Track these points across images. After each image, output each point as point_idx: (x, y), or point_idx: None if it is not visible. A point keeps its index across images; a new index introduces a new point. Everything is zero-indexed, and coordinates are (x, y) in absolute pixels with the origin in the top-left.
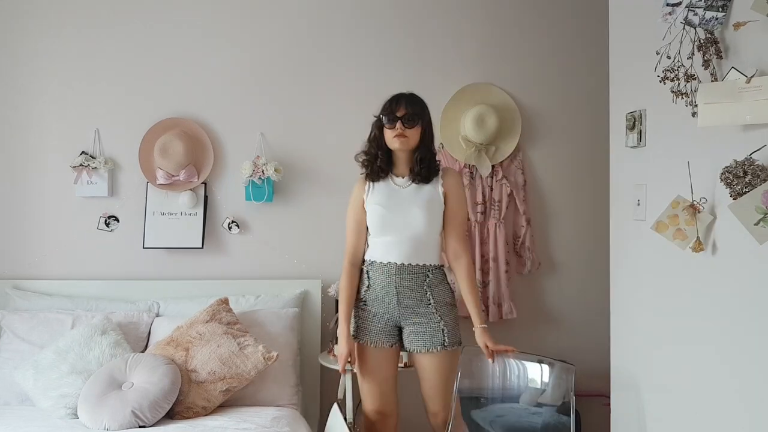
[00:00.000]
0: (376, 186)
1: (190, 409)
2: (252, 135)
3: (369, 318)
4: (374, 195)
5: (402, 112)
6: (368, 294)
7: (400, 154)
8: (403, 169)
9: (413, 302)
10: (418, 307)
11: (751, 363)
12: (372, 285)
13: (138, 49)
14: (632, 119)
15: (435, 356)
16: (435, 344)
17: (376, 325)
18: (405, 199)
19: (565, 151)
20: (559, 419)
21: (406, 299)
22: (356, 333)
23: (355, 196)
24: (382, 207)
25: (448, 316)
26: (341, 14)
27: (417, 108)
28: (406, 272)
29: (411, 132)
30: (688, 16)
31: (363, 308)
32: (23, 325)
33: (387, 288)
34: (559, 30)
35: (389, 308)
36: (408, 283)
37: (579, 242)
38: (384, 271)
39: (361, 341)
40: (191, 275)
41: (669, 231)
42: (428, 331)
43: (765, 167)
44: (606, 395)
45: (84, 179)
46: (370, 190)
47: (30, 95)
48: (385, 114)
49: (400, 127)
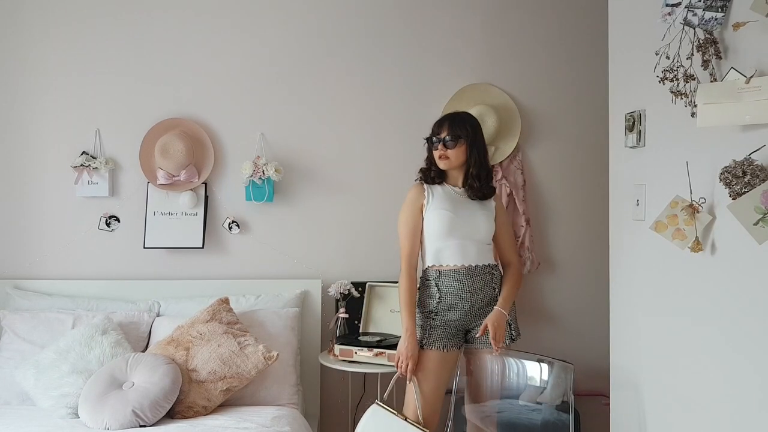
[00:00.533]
0: (436, 192)
1: (191, 409)
2: (252, 135)
3: (440, 326)
4: (437, 200)
5: (444, 133)
6: (440, 305)
7: (450, 171)
8: (457, 181)
9: (485, 302)
10: (488, 306)
11: (750, 362)
12: (443, 295)
13: (139, 50)
14: (631, 119)
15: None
16: (504, 339)
17: (447, 331)
18: (467, 205)
19: (564, 151)
20: (558, 416)
21: (478, 300)
22: (422, 342)
23: (411, 201)
24: (448, 211)
25: (512, 312)
26: (341, 14)
27: (458, 129)
28: (476, 273)
29: (452, 152)
30: (688, 17)
31: (434, 318)
32: (24, 325)
33: (460, 293)
34: (558, 30)
35: (462, 314)
36: (480, 284)
37: (578, 242)
38: (455, 277)
39: (428, 347)
40: (192, 275)
41: (668, 231)
42: None
43: (764, 167)
44: (605, 395)
45: (85, 179)
46: (431, 197)
47: (31, 95)
48: (433, 135)
49: (441, 148)
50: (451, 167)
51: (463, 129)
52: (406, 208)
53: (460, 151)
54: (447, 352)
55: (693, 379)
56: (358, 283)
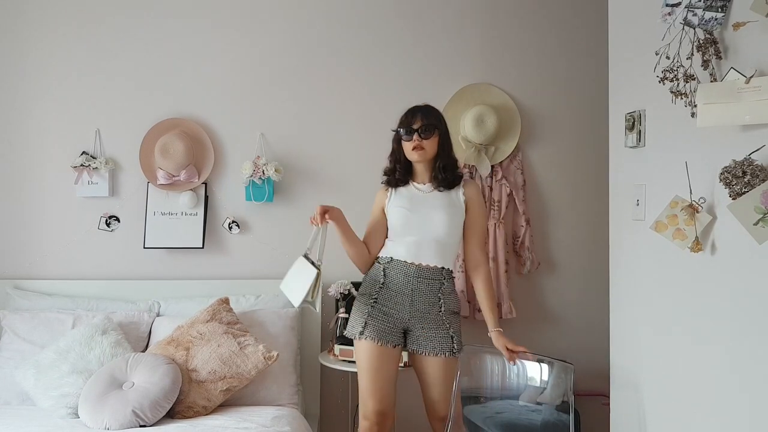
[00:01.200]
0: (398, 191)
1: (191, 409)
2: (252, 135)
3: (378, 317)
4: (397, 199)
5: (418, 124)
6: (381, 293)
7: (418, 165)
8: (423, 177)
9: (425, 307)
10: (429, 312)
11: (751, 362)
12: (387, 283)
13: (139, 50)
14: (631, 119)
15: (443, 361)
16: (444, 350)
17: (384, 324)
18: (428, 202)
19: (564, 151)
20: (558, 417)
21: (418, 302)
22: (363, 330)
23: (376, 204)
24: (404, 209)
25: (455, 324)
26: (341, 15)
27: (432, 118)
28: (423, 275)
29: (428, 143)
30: (688, 17)
31: (374, 306)
32: (24, 325)
33: (402, 288)
34: (558, 30)
35: (400, 309)
36: (424, 287)
37: (578, 242)
38: (402, 271)
39: (368, 339)
40: (192, 275)
41: (668, 231)
42: (438, 337)
43: (764, 167)
44: (605, 395)
45: (85, 179)
46: (392, 195)
47: (31, 95)
48: (402, 127)
49: (417, 138)
50: (426, 159)
51: (435, 119)
52: (374, 206)
53: (434, 142)
54: (381, 346)
55: (693, 379)
56: (358, 283)
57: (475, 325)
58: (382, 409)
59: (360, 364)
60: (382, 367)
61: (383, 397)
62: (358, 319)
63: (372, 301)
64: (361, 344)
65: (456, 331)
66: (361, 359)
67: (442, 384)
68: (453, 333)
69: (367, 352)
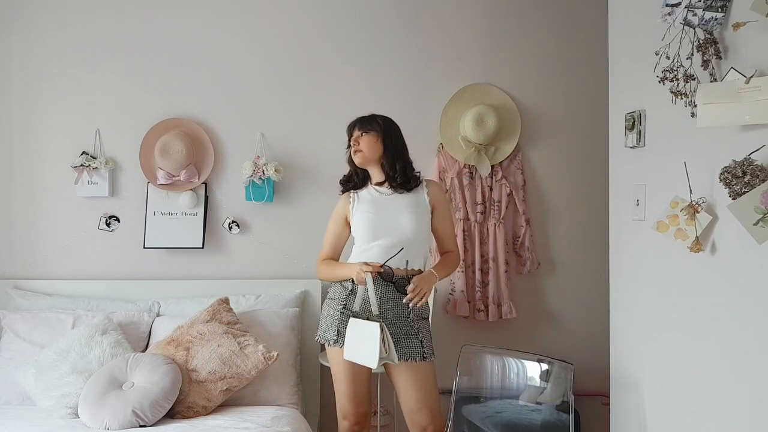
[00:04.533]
0: (361, 196)
1: (191, 409)
2: (252, 135)
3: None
4: (360, 204)
5: (356, 132)
6: (349, 299)
7: (370, 170)
8: (378, 179)
9: (393, 313)
10: (397, 319)
11: (750, 362)
12: (355, 289)
13: (139, 50)
14: (631, 119)
15: (414, 368)
16: (413, 355)
17: None
18: (392, 205)
19: (564, 151)
20: (558, 417)
21: (387, 309)
22: (337, 338)
23: (337, 211)
24: (370, 213)
25: (424, 329)
26: (341, 15)
27: (368, 123)
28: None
29: (365, 143)
30: (688, 17)
31: (343, 312)
32: (24, 325)
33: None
34: (558, 30)
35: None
36: (392, 294)
37: (578, 242)
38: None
39: (336, 345)
40: (192, 275)
41: (670, 231)
42: (406, 342)
43: (764, 167)
44: (605, 394)
45: (85, 179)
46: (355, 202)
47: (31, 95)
48: (348, 138)
49: (354, 143)
50: (366, 160)
51: (373, 123)
52: (333, 217)
53: (371, 142)
54: None
55: (693, 378)
56: None
57: (475, 325)
58: (358, 410)
59: (335, 370)
60: (356, 372)
61: (360, 401)
62: (330, 325)
63: (341, 306)
64: (334, 351)
65: (425, 336)
66: (336, 366)
67: (418, 390)
68: (422, 338)
69: (342, 358)
